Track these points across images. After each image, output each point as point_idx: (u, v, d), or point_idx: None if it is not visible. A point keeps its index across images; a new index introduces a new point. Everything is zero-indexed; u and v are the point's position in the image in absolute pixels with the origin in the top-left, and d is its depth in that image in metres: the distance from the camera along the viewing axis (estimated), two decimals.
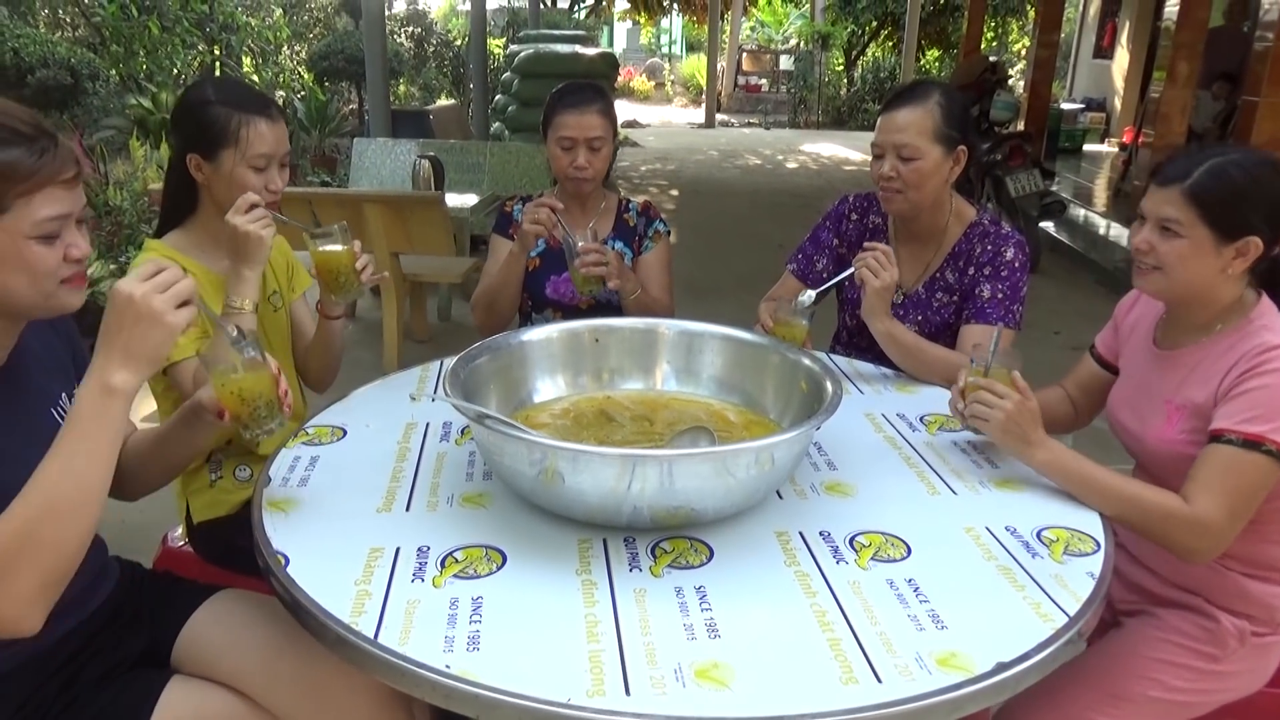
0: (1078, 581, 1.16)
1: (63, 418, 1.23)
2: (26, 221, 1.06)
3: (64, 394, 1.27)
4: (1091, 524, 1.31)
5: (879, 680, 0.97)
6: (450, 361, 1.46)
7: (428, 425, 1.59)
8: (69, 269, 1.11)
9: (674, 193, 9.46)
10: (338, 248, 1.64)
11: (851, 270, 1.78)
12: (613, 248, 2.21)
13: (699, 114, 17.67)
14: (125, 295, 1.03)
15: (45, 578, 1.01)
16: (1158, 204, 1.39)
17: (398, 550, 1.20)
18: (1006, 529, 1.29)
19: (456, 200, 4.66)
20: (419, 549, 1.20)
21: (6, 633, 1.00)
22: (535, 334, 1.62)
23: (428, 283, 4.65)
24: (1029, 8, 15.69)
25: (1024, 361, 1.48)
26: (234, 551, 1.73)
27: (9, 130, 1.05)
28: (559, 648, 1.01)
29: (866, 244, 1.78)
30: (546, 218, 1.94)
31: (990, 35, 16.43)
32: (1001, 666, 0.99)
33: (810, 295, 1.77)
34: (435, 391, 1.75)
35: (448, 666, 0.97)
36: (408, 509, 1.31)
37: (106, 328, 1.04)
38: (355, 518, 1.28)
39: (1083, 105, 12.08)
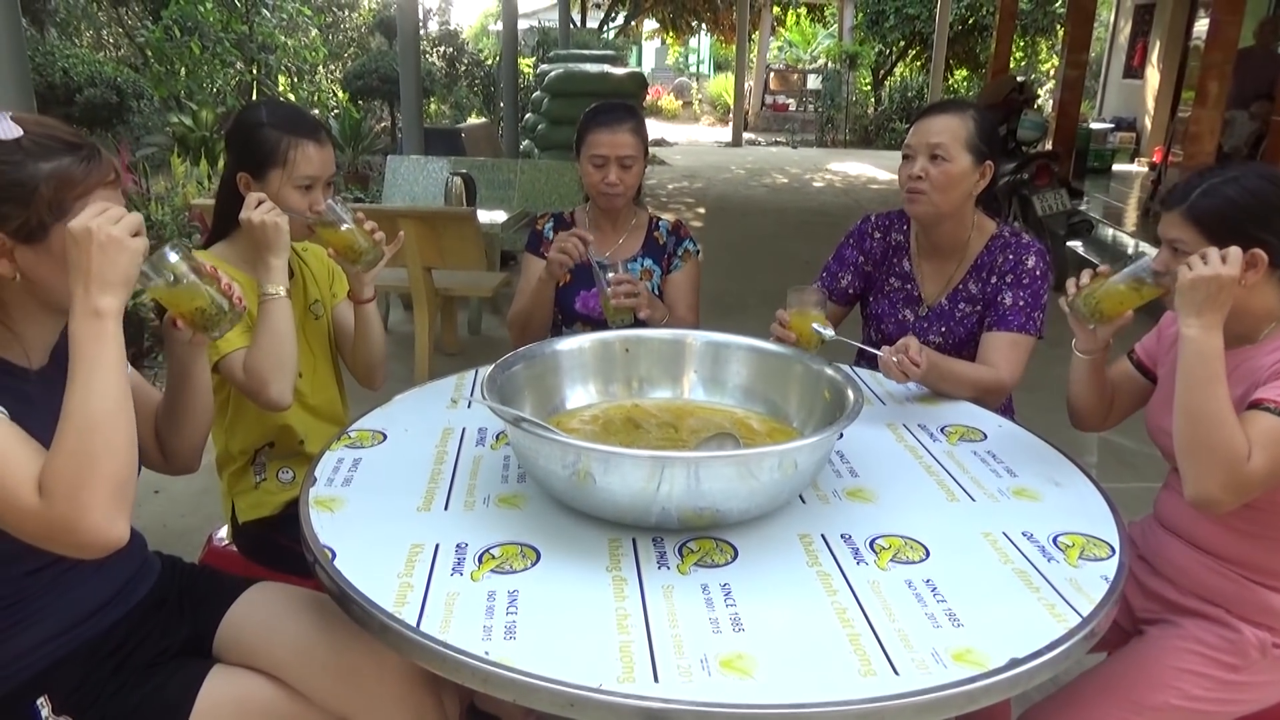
0: (1092, 584, 1.20)
1: None
2: None
3: None
4: (1107, 530, 1.34)
5: (896, 673, 1.01)
6: (486, 369, 1.52)
7: (464, 430, 1.65)
8: None
9: (701, 210, 9.53)
10: (346, 224, 1.70)
11: (878, 353, 1.76)
12: (642, 265, 2.27)
13: (726, 133, 17.77)
14: (83, 229, 1.09)
15: (112, 483, 1.07)
16: (1166, 227, 1.46)
17: (437, 546, 1.26)
18: (1023, 534, 1.33)
19: (487, 216, 4.76)
20: (457, 545, 1.26)
21: (103, 542, 1.07)
22: (568, 343, 1.68)
23: (458, 297, 4.74)
24: (1058, 27, 15.67)
25: (1051, 380, 1.51)
26: (276, 550, 1.80)
27: (58, 141, 1.14)
28: (591, 638, 1.07)
29: (899, 346, 1.73)
30: (574, 249, 1.99)
31: (1019, 55, 16.41)
32: (1015, 662, 1.03)
33: (831, 333, 1.77)
34: (472, 395, 1.82)
35: (486, 653, 1.03)
36: (446, 508, 1.37)
37: (75, 264, 1.09)
38: (397, 516, 1.35)
39: (1112, 125, 12.03)
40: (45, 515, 1.04)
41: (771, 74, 20.80)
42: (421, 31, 11.63)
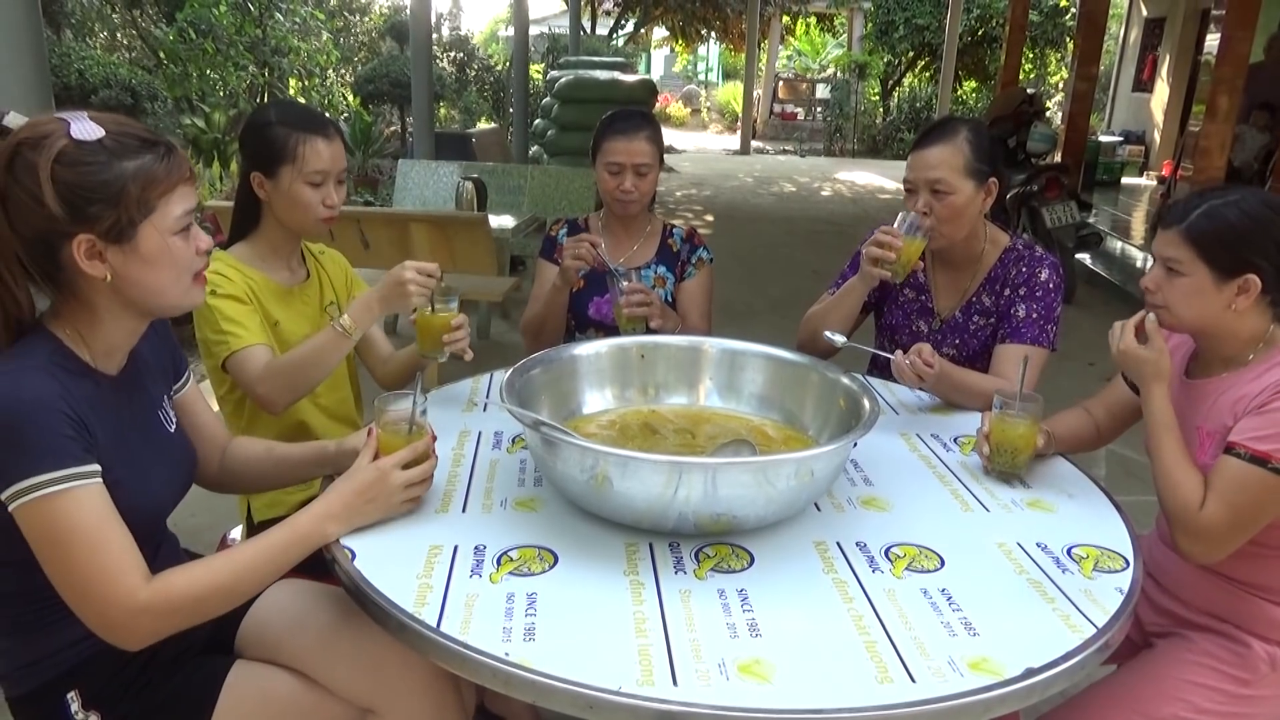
0: (1106, 596, 1.20)
1: (166, 420, 1.33)
2: (169, 219, 1.16)
3: (165, 396, 1.37)
4: (1121, 543, 1.35)
5: (913, 680, 1.02)
6: (502, 374, 1.54)
7: (480, 434, 1.66)
8: (199, 262, 1.23)
9: (709, 218, 9.55)
10: (432, 311, 1.74)
11: (891, 357, 1.80)
12: (656, 272, 2.28)
13: (734, 140, 17.81)
14: (380, 477, 1.27)
15: (176, 629, 1.17)
16: (1162, 245, 1.47)
17: (456, 548, 1.27)
18: (1037, 545, 1.33)
19: (496, 221, 4.78)
20: (475, 547, 1.27)
21: (124, 646, 1.15)
22: (585, 349, 1.70)
23: (468, 301, 4.76)
24: (1068, 40, 15.68)
25: (1058, 393, 1.52)
26: None
27: (136, 139, 1.15)
28: (610, 641, 1.08)
29: (913, 350, 1.76)
30: (587, 253, 2.02)
31: (1028, 67, 16.43)
32: (1031, 672, 1.04)
33: (843, 339, 1.84)
34: (488, 397, 1.84)
35: (506, 654, 1.04)
36: (464, 510, 1.39)
37: (356, 490, 1.26)
38: (415, 518, 1.35)
39: (1121, 138, 12.03)
40: (129, 606, 1.11)
41: (780, 83, 20.85)
42: (433, 36, 11.68)
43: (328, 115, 1.89)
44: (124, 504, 1.15)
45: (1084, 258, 6.92)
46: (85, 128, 1.11)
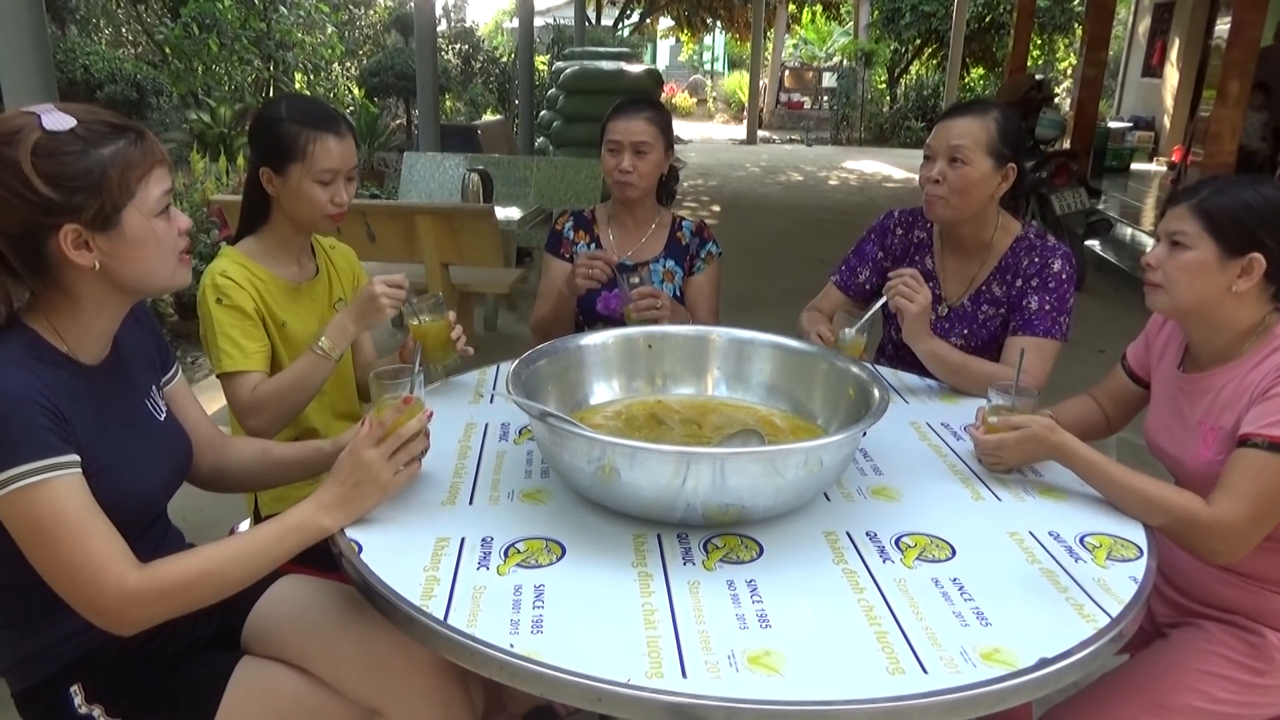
0: (1120, 585, 1.19)
1: (154, 410, 1.32)
2: (150, 201, 1.17)
3: (153, 386, 1.36)
4: (1134, 531, 1.34)
5: (925, 671, 1.01)
6: (509, 365, 1.53)
7: (487, 425, 1.66)
8: (182, 241, 1.23)
9: (715, 208, 9.52)
10: (434, 320, 1.75)
11: (884, 300, 1.80)
12: (664, 265, 2.27)
13: (740, 130, 17.74)
14: (364, 460, 1.25)
15: (168, 615, 1.17)
16: (1169, 220, 1.45)
17: (463, 540, 1.26)
18: (1050, 534, 1.32)
19: (503, 213, 4.76)
20: (483, 539, 1.27)
21: (118, 631, 1.15)
22: (592, 339, 1.69)
23: (474, 293, 4.75)
24: (1076, 26, 15.57)
25: (1068, 381, 1.50)
26: None
27: (108, 126, 1.15)
28: (618, 633, 1.07)
29: (892, 273, 1.79)
30: (601, 274, 2.02)
31: (1036, 53, 16.31)
32: (1044, 662, 1.03)
33: (850, 333, 1.80)
34: (494, 388, 1.83)
35: (513, 646, 1.03)
36: (471, 502, 1.38)
37: (339, 479, 1.26)
38: (422, 510, 1.35)
39: (1131, 124, 11.96)
40: (119, 592, 1.11)
41: (786, 71, 20.75)
42: (438, 28, 11.64)
43: (338, 111, 1.88)
44: (115, 491, 1.15)
45: (1093, 244, 6.88)
46: (56, 119, 1.11)
